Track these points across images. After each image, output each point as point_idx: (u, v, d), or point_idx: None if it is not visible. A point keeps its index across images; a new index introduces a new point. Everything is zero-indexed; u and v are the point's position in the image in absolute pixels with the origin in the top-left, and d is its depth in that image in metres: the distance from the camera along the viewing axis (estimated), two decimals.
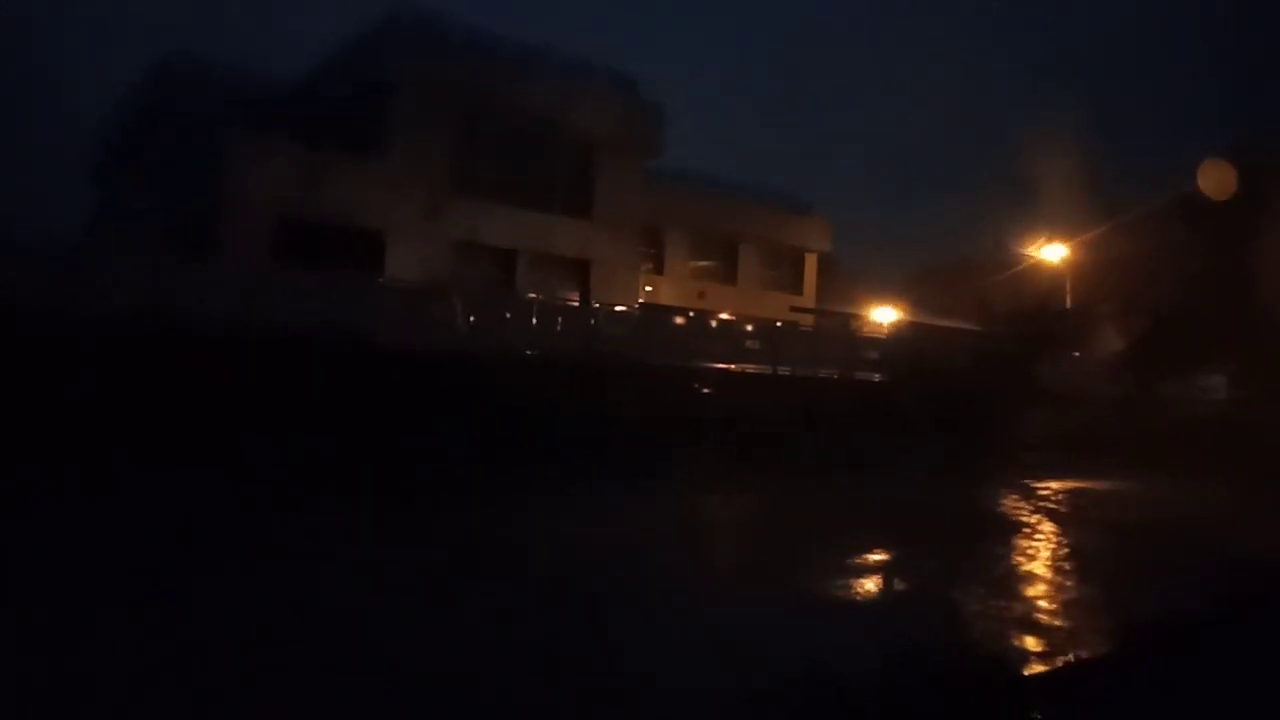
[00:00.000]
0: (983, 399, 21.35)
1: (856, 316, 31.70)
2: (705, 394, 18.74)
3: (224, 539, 9.39)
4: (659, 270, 29.64)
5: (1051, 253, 33.45)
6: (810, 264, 34.52)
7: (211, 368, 12.74)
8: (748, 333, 22.62)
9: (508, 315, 18.76)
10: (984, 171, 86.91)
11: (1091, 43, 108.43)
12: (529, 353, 17.49)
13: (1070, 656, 6.89)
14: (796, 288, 33.84)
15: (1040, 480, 17.97)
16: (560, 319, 19.30)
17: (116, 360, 12.31)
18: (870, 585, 9.50)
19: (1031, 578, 9.74)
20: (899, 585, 9.63)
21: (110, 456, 11.04)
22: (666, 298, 28.49)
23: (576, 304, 22.59)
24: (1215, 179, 30.06)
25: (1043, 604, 8.53)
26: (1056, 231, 33.46)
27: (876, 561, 10.46)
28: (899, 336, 28.73)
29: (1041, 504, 15.36)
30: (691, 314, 23.91)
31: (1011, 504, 15.25)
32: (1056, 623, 7.85)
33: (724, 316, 23.71)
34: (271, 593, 7.70)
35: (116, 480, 10.60)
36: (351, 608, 7.35)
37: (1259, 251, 29.37)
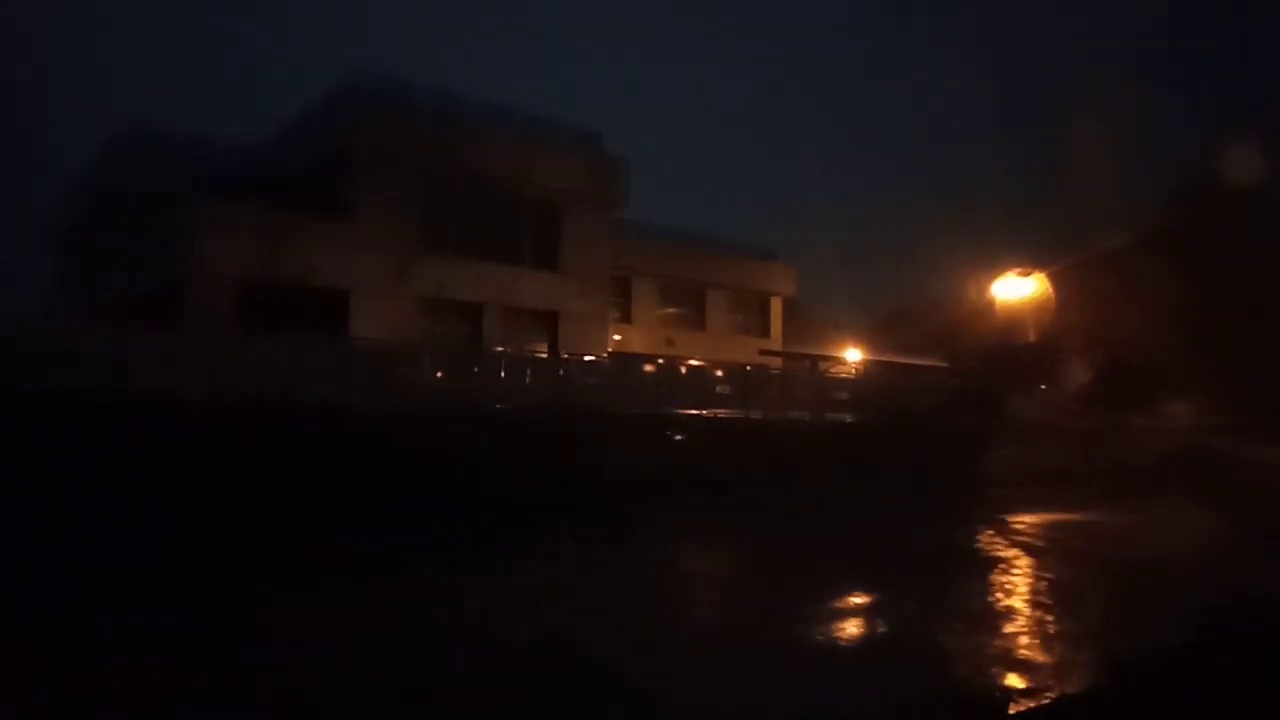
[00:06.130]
0: (953, 436, 21.49)
1: (825, 358, 31.90)
2: (678, 440, 18.69)
3: (191, 620, 9.09)
4: (627, 319, 29.72)
5: (1018, 288, 33.96)
6: (776, 307, 34.84)
7: (177, 441, 12.50)
8: (718, 378, 22.66)
9: (476, 369, 18.65)
10: (948, 208, 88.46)
11: (1054, 80, 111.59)
12: (498, 406, 17.36)
13: (1056, 692, 6.85)
14: (764, 331, 34.10)
15: (1015, 515, 18.03)
16: (529, 371, 19.22)
17: (78, 437, 12.01)
18: (853, 629, 9.42)
19: (1012, 613, 9.72)
20: (882, 627, 9.57)
21: (74, 537, 10.72)
22: (635, 346, 28.53)
23: (545, 356, 22.54)
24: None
25: (1024, 640, 8.50)
26: (1022, 266, 34.04)
27: (858, 604, 10.40)
28: (868, 377, 28.92)
29: (1017, 539, 15.40)
30: (661, 361, 23.93)
31: (988, 539, 15.27)
32: (1038, 658, 7.81)
33: (693, 362, 23.75)
34: (252, 669, 7.47)
35: (76, 562, 10.29)
36: (337, 676, 7.15)
37: (1222, 283, 30.10)
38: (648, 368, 22.46)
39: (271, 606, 9.60)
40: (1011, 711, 6.49)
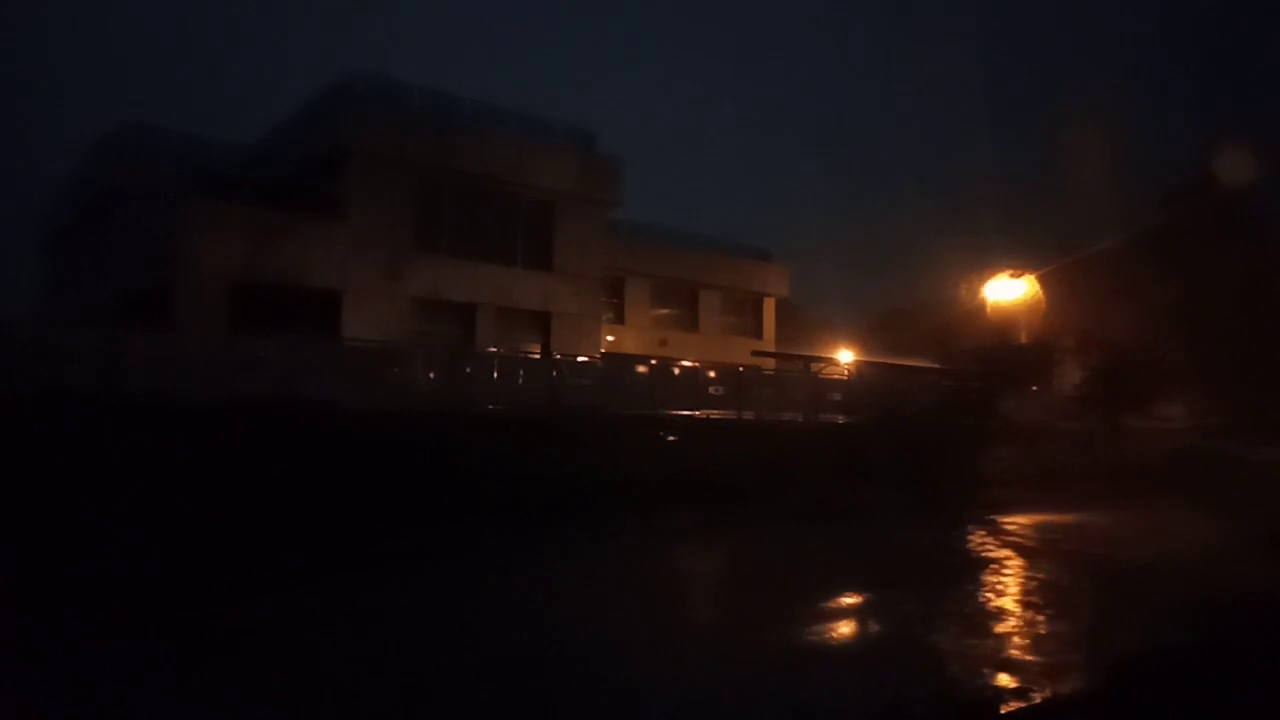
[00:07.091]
0: (947, 437, 21.46)
1: (819, 359, 31.89)
2: (671, 441, 18.65)
3: (186, 619, 9.03)
4: (620, 320, 29.74)
5: (1011, 289, 33.93)
6: (769, 308, 34.87)
7: (169, 441, 12.43)
8: (711, 379, 22.66)
9: (469, 370, 18.60)
10: (941, 209, 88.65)
11: (1051, 77, 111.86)
12: (491, 407, 17.32)
13: (1047, 692, 6.83)
14: (757, 332, 34.14)
15: (1010, 515, 18.03)
16: (522, 372, 19.19)
17: (70, 436, 11.93)
18: (845, 629, 9.40)
19: (1003, 614, 9.70)
20: (874, 628, 9.55)
21: (66, 536, 10.64)
22: (629, 346, 28.55)
23: (538, 356, 22.51)
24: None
25: (1015, 640, 8.49)
26: (1016, 267, 34.03)
27: (850, 605, 10.38)
28: (862, 377, 28.92)
29: (1011, 540, 15.40)
30: (654, 362, 23.93)
31: (981, 541, 15.27)
32: (1028, 659, 7.79)
33: (687, 363, 23.74)
34: (248, 669, 7.41)
35: (70, 561, 10.23)
36: (333, 677, 7.11)
37: (1217, 283, 30.12)
38: (641, 368, 22.47)
39: (264, 608, 9.56)
40: (1003, 712, 6.47)
